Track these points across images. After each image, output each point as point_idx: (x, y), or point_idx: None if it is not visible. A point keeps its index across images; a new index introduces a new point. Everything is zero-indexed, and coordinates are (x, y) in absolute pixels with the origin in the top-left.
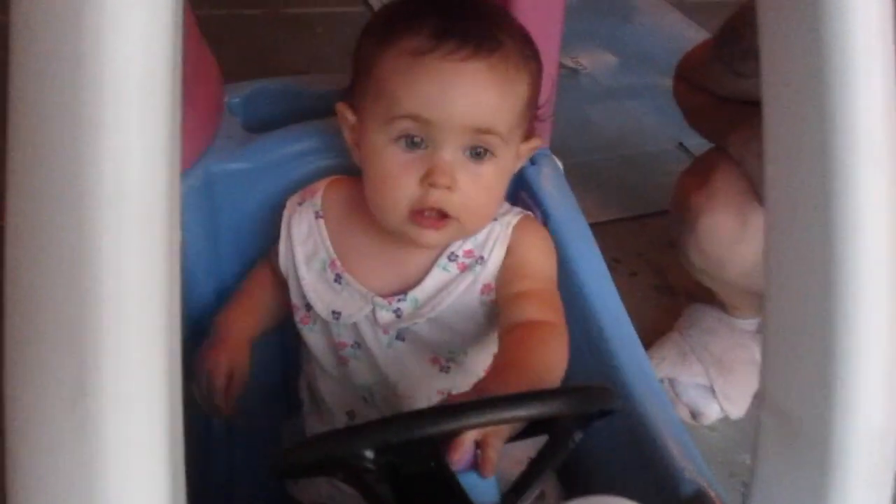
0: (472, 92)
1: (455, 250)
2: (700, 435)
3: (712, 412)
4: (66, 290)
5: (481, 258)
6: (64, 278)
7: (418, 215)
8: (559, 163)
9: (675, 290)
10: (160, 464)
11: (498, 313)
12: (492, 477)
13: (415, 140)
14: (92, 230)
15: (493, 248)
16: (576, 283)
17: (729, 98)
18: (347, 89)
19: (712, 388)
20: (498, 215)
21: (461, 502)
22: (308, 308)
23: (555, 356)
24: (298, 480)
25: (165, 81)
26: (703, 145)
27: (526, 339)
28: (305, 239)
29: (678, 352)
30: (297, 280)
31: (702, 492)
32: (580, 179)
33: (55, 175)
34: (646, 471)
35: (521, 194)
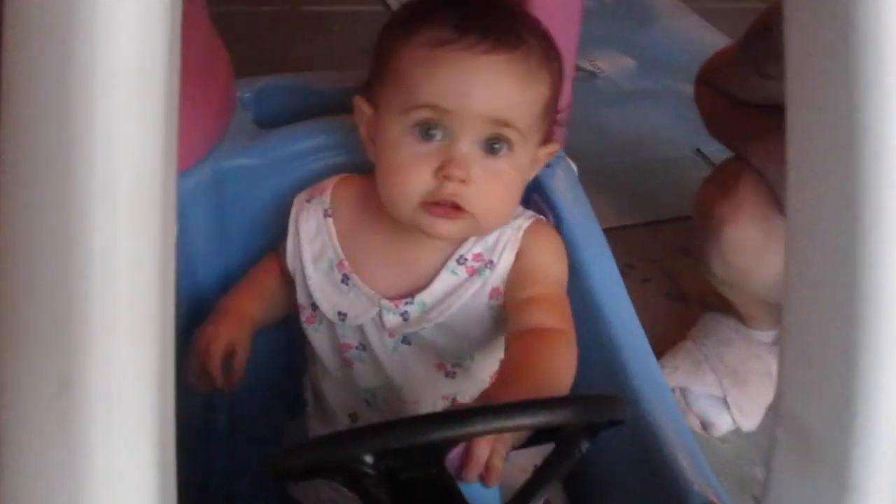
0: (493, 82)
1: (464, 253)
2: (711, 447)
3: (724, 424)
4: (53, 281)
5: (490, 262)
6: (51, 269)
7: (431, 205)
8: (573, 165)
9: (688, 297)
10: (147, 458)
11: (506, 318)
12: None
13: (431, 131)
14: (81, 220)
15: (503, 251)
16: (587, 288)
17: (752, 102)
18: (365, 83)
19: (725, 400)
20: None
21: None
22: (314, 308)
23: (563, 363)
24: (299, 482)
25: (159, 73)
26: (721, 152)
27: (534, 346)
28: (313, 238)
29: (692, 361)
30: (303, 279)
31: None
32: (595, 183)
33: (44, 165)
34: (654, 482)
35: (533, 196)
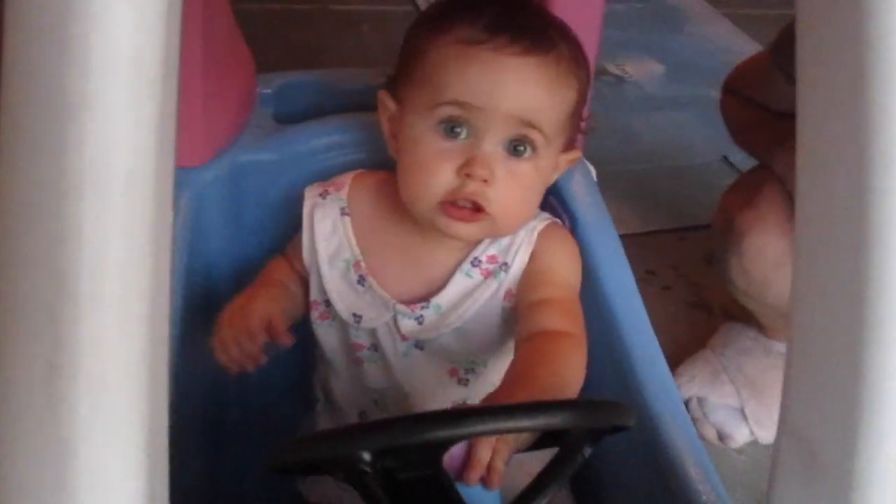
0: (522, 82)
1: (479, 255)
2: (727, 457)
3: (741, 435)
4: (42, 266)
5: (505, 264)
6: (40, 253)
7: (450, 206)
8: (592, 169)
9: (709, 306)
10: (135, 443)
11: (516, 320)
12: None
13: (456, 128)
14: (72, 207)
15: (517, 253)
16: (601, 293)
17: (779, 110)
18: (390, 79)
19: (742, 411)
20: None
21: None
22: (327, 304)
23: (571, 368)
24: (306, 478)
25: (156, 66)
26: (748, 160)
27: (543, 350)
28: (329, 236)
29: (710, 371)
30: (318, 276)
31: None
32: (620, 189)
33: (37, 153)
34: (662, 492)
35: (549, 199)
